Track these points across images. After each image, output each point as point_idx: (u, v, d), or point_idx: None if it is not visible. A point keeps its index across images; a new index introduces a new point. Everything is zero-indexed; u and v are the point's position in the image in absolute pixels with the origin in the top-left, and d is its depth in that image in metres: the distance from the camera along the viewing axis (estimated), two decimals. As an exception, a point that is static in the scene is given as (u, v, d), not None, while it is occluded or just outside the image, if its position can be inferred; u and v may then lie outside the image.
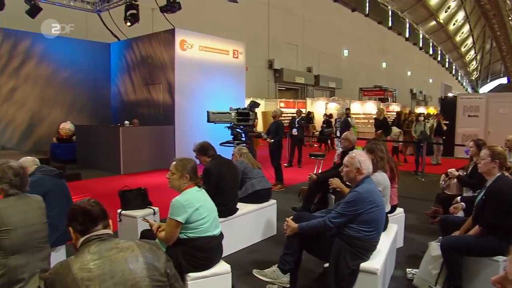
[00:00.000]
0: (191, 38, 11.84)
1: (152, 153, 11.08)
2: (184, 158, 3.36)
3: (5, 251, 2.72)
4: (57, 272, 1.77)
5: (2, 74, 11.73)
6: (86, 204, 1.99)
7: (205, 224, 3.13)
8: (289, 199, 7.28)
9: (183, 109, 11.59)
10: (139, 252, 1.89)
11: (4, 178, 2.88)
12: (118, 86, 13.79)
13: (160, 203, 5.32)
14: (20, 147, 11.84)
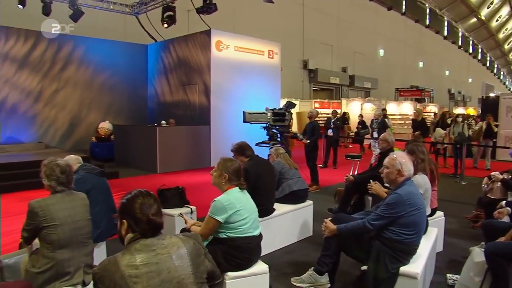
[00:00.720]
0: (227, 39, 11.95)
1: (188, 152, 11.26)
2: (229, 159, 3.39)
3: (53, 245, 2.84)
4: (105, 268, 1.80)
5: (47, 76, 12.24)
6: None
7: (246, 224, 3.15)
8: (324, 200, 7.23)
9: (218, 109, 11.71)
10: (184, 249, 1.92)
11: (52, 176, 3.00)
12: (155, 86, 14.08)
13: (197, 202, 5.39)
14: (62, 146, 12.30)
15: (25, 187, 8.24)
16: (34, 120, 12.08)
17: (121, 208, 1.96)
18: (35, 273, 2.83)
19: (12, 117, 11.65)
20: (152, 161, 10.70)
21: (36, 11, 11.51)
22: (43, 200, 2.90)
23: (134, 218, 1.89)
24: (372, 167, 6.66)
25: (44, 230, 2.83)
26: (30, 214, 2.86)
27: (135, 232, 1.89)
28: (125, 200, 1.96)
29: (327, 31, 25.93)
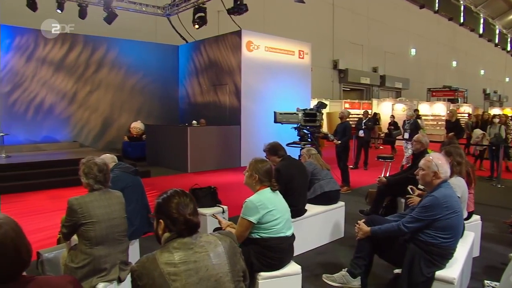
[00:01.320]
0: (257, 39, 11.99)
1: (218, 152, 11.34)
2: (260, 160, 3.39)
3: (90, 241, 2.92)
4: (144, 266, 1.82)
5: (81, 78, 12.57)
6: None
7: (278, 225, 3.15)
8: (355, 202, 7.15)
9: (249, 109, 11.76)
10: (221, 247, 1.93)
11: (90, 174, 3.08)
12: (185, 87, 14.24)
13: (228, 202, 5.43)
14: (95, 145, 12.63)
15: (60, 185, 8.51)
16: (69, 120, 12.43)
17: (157, 208, 1.97)
18: (74, 268, 2.91)
19: (48, 117, 12.04)
20: (183, 161, 10.83)
21: (73, 14, 11.86)
22: (81, 198, 2.97)
23: (171, 218, 1.90)
24: (405, 169, 6.54)
25: (82, 227, 2.90)
26: (69, 211, 2.93)
27: (172, 231, 1.90)
28: (161, 200, 1.97)
29: (357, 30, 25.60)
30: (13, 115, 11.41)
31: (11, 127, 10.90)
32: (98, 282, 2.95)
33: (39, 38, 11.66)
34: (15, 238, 1.41)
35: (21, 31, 11.41)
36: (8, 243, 1.39)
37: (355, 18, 25.34)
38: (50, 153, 10.69)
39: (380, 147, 17.79)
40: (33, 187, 8.34)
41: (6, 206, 6.96)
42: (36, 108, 11.82)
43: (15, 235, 1.42)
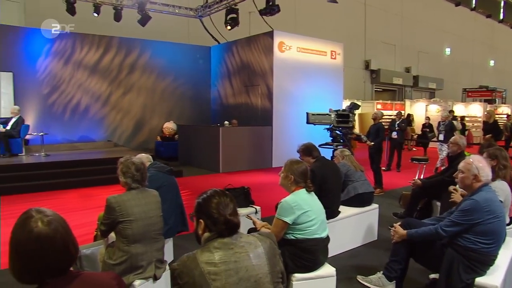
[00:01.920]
0: (289, 40, 11.96)
1: (250, 153, 11.38)
2: (296, 161, 3.38)
3: (128, 239, 2.97)
4: (184, 264, 1.82)
5: (115, 78, 12.90)
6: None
7: (313, 226, 3.12)
8: (389, 204, 7.02)
9: (280, 110, 11.75)
10: (261, 248, 1.92)
11: (128, 173, 3.14)
12: (217, 87, 14.36)
13: (261, 202, 5.43)
14: (129, 145, 12.93)
15: (96, 183, 8.73)
16: (104, 120, 12.77)
17: (197, 208, 1.97)
18: (112, 264, 2.98)
19: (84, 118, 12.42)
20: (215, 161, 10.92)
21: (108, 17, 12.18)
22: (119, 196, 3.04)
23: (211, 218, 1.90)
24: (440, 171, 6.38)
25: (120, 225, 2.96)
26: (107, 209, 3.00)
27: (212, 231, 1.90)
28: (201, 200, 1.97)
29: (390, 30, 25.16)
30: (52, 115, 11.83)
31: (50, 127, 11.30)
32: (134, 279, 3.01)
33: (77, 42, 12.07)
34: (64, 234, 1.46)
35: (60, 35, 11.79)
36: (58, 238, 1.43)
37: (388, 17, 24.92)
38: (86, 152, 11.00)
39: (413, 149, 17.42)
40: (70, 185, 8.57)
41: (45, 203, 7.21)
42: (73, 109, 12.21)
43: (64, 231, 1.47)
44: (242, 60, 13.03)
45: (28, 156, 10.16)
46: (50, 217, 1.46)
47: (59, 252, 1.44)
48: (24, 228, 1.42)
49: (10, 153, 9.80)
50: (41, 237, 1.40)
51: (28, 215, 1.46)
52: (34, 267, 1.41)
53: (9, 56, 11.15)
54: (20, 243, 1.41)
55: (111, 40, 12.70)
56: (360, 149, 12.18)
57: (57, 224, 1.45)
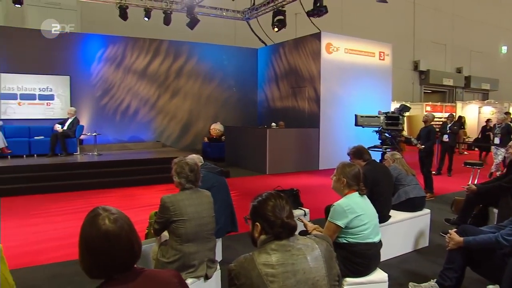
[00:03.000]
0: (337, 41, 11.87)
1: (296, 155, 11.37)
2: (348, 164, 3.33)
3: (181, 238, 3.03)
4: (242, 265, 1.82)
5: (166, 79, 13.26)
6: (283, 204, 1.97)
7: (366, 230, 3.08)
8: (440, 210, 6.79)
9: (328, 112, 11.67)
10: (318, 251, 1.90)
11: (182, 174, 3.19)
12: (264, 89, 14.45)
13: (309, 205, 5.40)
14: (177, 145, 13.23)
15: (146, 182, 9.01)
16: (152, 121, 13.15)
17: (253, 211, 1.97)
18: (165, 262, 3.05)
19: (133, 120, 12.86)
20: (262, 162, 10.98)
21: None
22: (173, 196, 3.10)
23: (268, 221, 1.89)
24: (498, 177, 6.08)
25: (174, 224, 3.03)
26: (162, 208, 3.07)
27: (268, 234, 1.90)
28: (256, 202, 1.97)
29: (440, 29, 24.30)
30: (104, 117, 12.34)
31: (102, 127, 11.78)
32: (186, 278, 3.06)
33: (128, 46, 12.56)
34: (128, 231, 1.52)
35: (113, 40, 12.30)
36: (123, 236, 1.49)
37: (438, 15, 24.07)
38: (136, 152, 11.38)
39: (465, 153, 16.76)
40: (121, 183, 8.87)
41: (97, 200, 7.52)
42: (123, 112, 12.70)
43: (129, 229, 1.53)
44: (289, 62, 13.04)
45: (82, 155, 10.64)
46: (116, 215, 1.52)
47: (125, 249, 1.50)
48: (93, 226, 1.49)
49: (66, 152, 10.29)
50: (109, 234, 1.46)
51: (95, 213, 1.53)
52: (102, 263, 1.48)
53: (66, 61, 11.76)
54: (89, 240, 1.48)
55: (161, 43, 13.10)
56: (409, 152, 11.83)
57: (122, 222, 1.52)
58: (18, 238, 5.25)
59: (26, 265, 4.30)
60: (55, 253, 4.84)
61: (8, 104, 11.17)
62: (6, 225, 5.71)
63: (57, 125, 10.42)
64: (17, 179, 8.35)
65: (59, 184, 8.46)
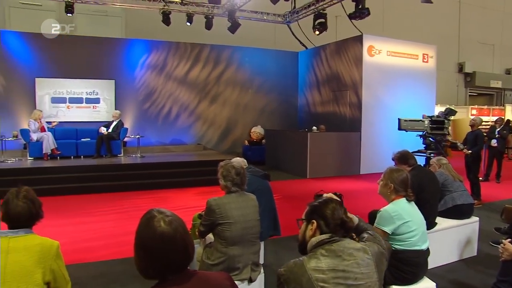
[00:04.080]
0: (379, 44, 11.69)
1: (337, 159, 11.29)
2: (396, 169, 3.30)
3: (226, 241, 3.08)
4: (292, 270, 1.82)
5: (206, 82, 13.48)
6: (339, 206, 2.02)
7: (414, 237, 3.02)
8: (488, 218, 6.55)
9: (369, 115, 11.53)
10: (370, 255, 1.91)
11: (228, 177, 3.24)
12: (305, 92, 14.42)
13: (351, 210, 5.29)
14: (218, 148, 13.39)
15: (188, 184, 9.16)
16: (194, 124, 13.39)
17: (312, 210, 2.01)
18: (210, 264, 3.10)
19: (176, 122, 13.14)
20: (302, 166, 10.95)
21: (200, 26, 12.81)
22: (219, 199, 3.15)
23: (326, 219, 1.93)
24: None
25: (219, 227, 3.07)
26: (208, 210, 3.12)
27: (323, 233, 1.92)
28: (317, 203, 2.02)
29: (488, 29, 23.31)
30: (147, 119, 12.69)
31: (145, 130, 12.13)
32: (231, 280, 3.11)
33: (170, 51, 12.90)
34: (183, 233, 1.56)
35: (156, 44, 12.68)
36: (178, 237, 1.53)
37: (486, 14, 23.10)
38: (178, 155, 11.61)
39: (515, 158, 16.07)
40: (163, 185, 9.06)
41: (141, 201, 7.74)
42: (165, 115, 13.04)
43: (183, 231, 1.57)
44: (330, 65, 12.96)
45: (126, 157, 10.98)
46: (170, 217, 1.56)
47: (179, 251, 1.53)
48: (148, 228, 1.53)
49: (111, 154, 10.65)
50: (164, 236, 1.51)
51: (150, 215, 1.57)
52: (158, 264, 1.52)
53: (111, 65, 12.21)
54: (145, 242, 1.53)
55: (202, 48, 13.32)
56: (455, 157, 11.47)
57: (177, 224, 1.55)
58: (67, 235, 5.47)
59: (74, 262, 4.48)
60: (102, 251, 5.02)
61: (58, 107, 11.72)
62: (56, 223, 5.96)
63: (102, 127, 10.81)
64: (65, 179, 8.72)
65: (104, 184, 8.76)
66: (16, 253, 2.22)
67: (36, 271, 2.23)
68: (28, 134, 9.96)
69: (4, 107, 11.17)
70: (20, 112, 11.35)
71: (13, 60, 11.24)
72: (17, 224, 2.34)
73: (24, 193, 2.41)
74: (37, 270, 2.23)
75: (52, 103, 11.65)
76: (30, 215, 2.38)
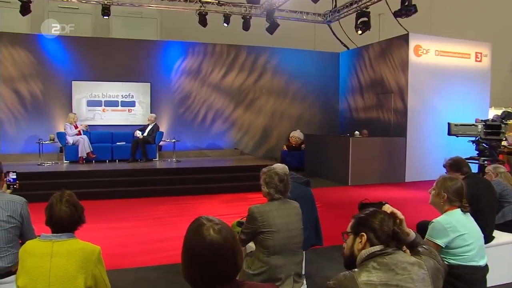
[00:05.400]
0: (427, 43, 11.43)
1: (381, 165, 11.11)
2: (449, 177, 3.21)
3: (268, 250, 3.07)
4: (341, 283, 1.80)
5: (241, 87, 13.58)
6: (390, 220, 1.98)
7: (470, 252, 2.93)
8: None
9: (416, 119, 11.28)
10: (425, 270, 1.87)
11: (271, 183, 3.24)
12: (346, 95, 14.29)
13: (398, 220, 5.22)
14: (255, 153, 13.45)
15: (225, 190, 9.24)
16: (231, 128, 13.50)
17: (358, 222, 1.99)
18: (251, 274, 3.11)
19: (211, 126, 13.29)
20: (344, 172, 10.84)
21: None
22: (262, 206, 3.16)
23: (376, 231, 1.91)
24: None
25: (261, 235, 3.07)
26: (249, 218, 3.14)
27: (374, 245, 1.90)
28: (363, 214, 2.00)
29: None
30: (182, 123, 12.91)
31: (181, 134, 12.32)
32: (272, 291, 3.11)
33: (207, 53, 13.11)
34: (232, 242, 1.56)
35: (192, 46, 12.94)
36: (228, 246, 1.53)
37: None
38: (214, 160, 11.74)
39: None
40: (199, 190, 9.17)
41: (177, 207, 7.88)
42: (201, 119, 13.19)
43: (232, 239, 1.57)
44: (373, 67, 12.79)
45: (161, 161, 11.22)
46: (220, 225, 1.57)
47: (229, 260, 1.54)
48: (197, 236, 1.54)
49: (146, 158, 10.89)
50: (214, 244, 1.51)
51: (199, 223, 1.58)
52: (207, 274, 1.52)
53: (147, 68, 12.50)
54: (194, 251, 1.54)
55: (240, 49, 13.46)
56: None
57: (226, 232, 1.56)
58: (101, 240, 5.61)
59: (110, 268, 4.60)
60: (137, 257, 5.13)
61: (95, 110, 12.11)
62: (90, 227, 6.12)
63: (137, 131, 11.09)
64: (99, 183, 8.98)
65: (139, 189, 8.95)
66: (59, 257, 2.32)
67: (79, 276, 2.32)
68: (65, 138, 10.37)
69: (42, 110, 11.69)
70: (57, 115, 11.82)
71: (51, 64, 11.73)
72: (60, 228, 2.46)
73: (67, 197, 2.53)
74: (79, 275, 2.32)
75: (88, 106, 12.05)
76: (72, 220, 2.50)
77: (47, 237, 2.43)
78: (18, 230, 3.17)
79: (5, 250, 3.08)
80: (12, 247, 3.12)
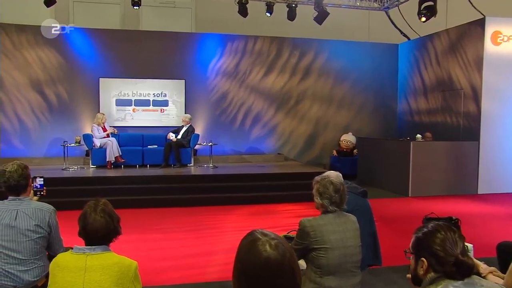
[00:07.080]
0: (508, 28, 10.91)
1: (448, 174, 10.81)
2: None
3: (321, 269, 3.00)
4: None
5: (293, 77, 13.57)
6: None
7: None
8: None
9: (492, 120, 10.88)
10: None
11: (325, 194, 3.16)
12: (406, 93, 14.01)
13: (471, 239, 4.97)
14: (301, 159, 13.37)
15: (267, 200, 9.23)
16: (273, 132, 13.49)
17: (416, 243, 1.96)
18: (302, 296, 3.02)
19: (251, 130, 13.33)
20: (403, 182, 10.61)
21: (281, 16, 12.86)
22: (314, 220, 3.09)
23: (437, 257, 1.86)
24: None
25: (314, 252, 3.00)
26: (300, 233, 3.07)
27: (438, 273, 1.85)
28: (421, 234, 1.95)
29: None
30: (220, 124, 13.00)
31: (218, 136, 12.39)
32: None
33: (247, 46, 13.16)
34: (290, 259, 1.51)
35: (231, 39, 13.04)
36: (285, 264, 1.49)
37: None
38: (255, 166, 11.76)
39: None
40: (238, 200, 9.17)
41: (212, 218, 7.89)
42: (242, 117, 13.24)
43: (290, 256, 1.52)
44: (438, 59, 12.45)
45: (197, 167, 11.35)
46: (276, 241, 1.53)
47: (287, 278, 1.49)
48: (252, 252, 1.51)
49: (180, 164, 11.01)
50: (270, 261, 1.47)
51: (254, 237, 1.55)
52: None
53: (181, 63, 12.66)
54: (249, 268, 1.50)
55: (283, 41, 13.40)
56: None
57: (283, 248, 1.51)
58: (131, 253, 5.66)
59: (143, 284, 4.63)
60: (169, 273, 5.15)
61: (125, 110, 12.35)
62: (120, 239, 6.21)
63: (170, 133, 11.23)
64: (129, 191, 9.16)
65: (172, 198, 9.04)
66: (93, 272, 2.36)
67: (114, 292, 2.33)
68: (91, 140, 10.62)
69: (67, 110, 12.02)
70: (83, 115, 12.14)
71: (77, 59, 12.05)
72: (94, 240, 2.48)
73: (102, 206, 2.57)
74: (114, 292, 2.33)
75: (117, 105, 12.28)
76: (107, 231, 2.54)
77: (80, 249, 2.45)
78: (45, 241, 3.23)
79: (32, 263, 3.13)
80: (39, 259, 3.18)
